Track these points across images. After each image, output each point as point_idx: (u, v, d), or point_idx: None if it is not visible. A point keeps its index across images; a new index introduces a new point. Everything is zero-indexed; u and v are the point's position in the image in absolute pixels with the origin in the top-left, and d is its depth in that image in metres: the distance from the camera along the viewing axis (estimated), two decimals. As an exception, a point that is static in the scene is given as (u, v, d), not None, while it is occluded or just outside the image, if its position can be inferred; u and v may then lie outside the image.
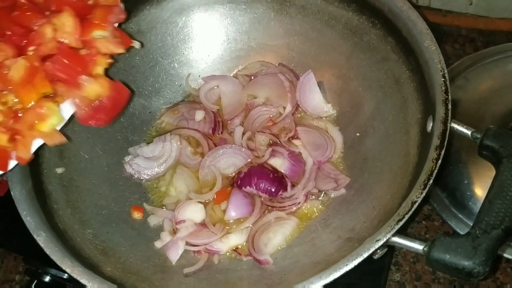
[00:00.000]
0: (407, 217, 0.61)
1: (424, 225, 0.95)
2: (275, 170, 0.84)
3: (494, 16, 1.12)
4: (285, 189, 0.83)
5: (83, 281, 0.62)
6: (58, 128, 0.66)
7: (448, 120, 0.67)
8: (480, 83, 1.01)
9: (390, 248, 0.86)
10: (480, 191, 0.88)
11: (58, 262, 0.64)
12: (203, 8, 0.93)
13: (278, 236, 0.80)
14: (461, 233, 0.68)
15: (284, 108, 0.90)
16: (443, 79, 0.70)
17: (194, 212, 0.81)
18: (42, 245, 0.66)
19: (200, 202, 0.83)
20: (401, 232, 0.63)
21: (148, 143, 0.90)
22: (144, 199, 0.87)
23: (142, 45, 0.81)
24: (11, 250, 0.96)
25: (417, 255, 0.91)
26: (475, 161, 0.90)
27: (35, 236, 0.67)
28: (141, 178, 0.88)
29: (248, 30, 0.95)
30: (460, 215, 0.89)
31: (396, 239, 0.62)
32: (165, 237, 0.81)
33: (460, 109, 0.98)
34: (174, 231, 0.82)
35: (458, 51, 1.13)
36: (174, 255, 0.79)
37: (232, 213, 0.82)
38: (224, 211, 0.82)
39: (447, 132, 0.66)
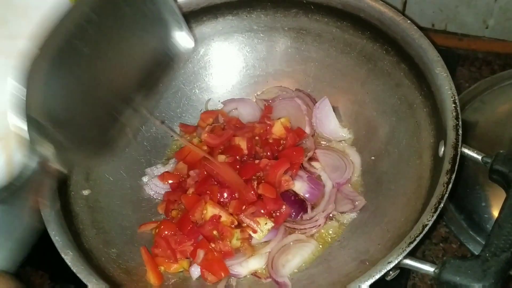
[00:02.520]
0: (418, 239, 0.63)
1: (441, 247, 0.95)
2: (296, 193, 0.86)
3: (510, 39, 1.13)
4: (306, 211, 0.85)
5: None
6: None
7: (459, 145, 0.68)
8: (497, 106, 1.01)
9: (405, 270, 0.87)
10: (497, 214, 0.89)
11: (84, 280, 0.67)
12: (223, 37, 0.98)
13: (296, 259, 0.81)
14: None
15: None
16: (454, 105, 0.72)
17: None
18: (69, 263, 0.69)
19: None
20: (413, 254, 0.64)
21: (164, 165, 0.93)
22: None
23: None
24: (38, 268, 0.99)
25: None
26: (492, 183, 0.90)
27: (62, 255, 0.70)
28: (160, 199, 0.91)
29: (266, 57, 0.98)
30: (477, 238, 0.89)
31: (407, 261, 0.63)
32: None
33: (477, 131, 0.98)
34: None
35: (475, 74, 1.14)
36: (194, 273, 0.81)
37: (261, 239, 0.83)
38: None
39: (458, 157, 0.68)
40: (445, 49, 1.10)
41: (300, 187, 0.87)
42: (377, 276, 0.61)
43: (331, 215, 0.85)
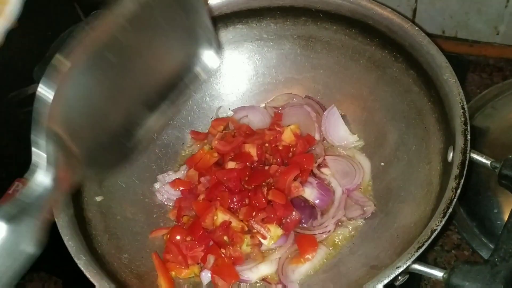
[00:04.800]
0: (426, 244, 0.63)
1: (453, 254, 0.94)
2: (306, 200, 0.87)
3: (521, 45, 1.13)
4: (316, 218, 0.86)
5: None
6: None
7: (467, 151, 0.69)
8: (508, 112, 1.01)
9: (415, 277, 0.87)
10: (509, 219, 0.89)
11: (96, 284, 0.68)
12: (233, 45, 0.99)
13: (306, 264, 0.82)
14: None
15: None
16: (462, 111, 0.72)
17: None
18: (82, 268, 0.70)
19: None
20: (425, 261, 0.64)
21: (175, 171, 0.94)
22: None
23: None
24: (52, 274, 1.01)
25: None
26: (504, 190, 0.90)
27: (76, 260, 0.71)
28: (172, 205, 0.92)
29: (275, 65, 0.99)
30: (490, 244, 0.89)
31: (416, 266, 0.63)
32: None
33: (488, 138, 0.98)
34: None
35: (486, 80, 1.14)
36: (205, 279, 0.82)
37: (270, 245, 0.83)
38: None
39: (466, 162, 0.68)
40: (455, 56, 1.10)
41: (310, 193, 0.87)
42: (386, 281, 0.62)
43: (342, 221, 0.86)
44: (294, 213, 0.83)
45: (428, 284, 0.92)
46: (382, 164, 0.89)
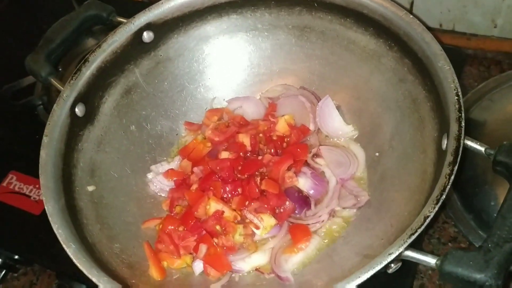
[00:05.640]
0: (419, 231, 0.62)
1: (450, 246, 0.94)
2: (300, 190, 0.86)
3: (519, 38, 1.13)
4: (309, 208, 0.85)
5: (107, 290, 0.66)
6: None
7: (462, 137, 0.68)
8: (505, 104, 1.01)
9: (412, 268, 0.86)
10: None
11: (85, 271, 0.67)
12: (227, 35, 0.98)
13: (299, 254, 0.81)
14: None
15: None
16: (457, 98, 0.71)
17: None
18: (71, 255, 0.69)
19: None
20: (416, 247, 0.64)
21: (169, 162, 0.93)
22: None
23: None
24: (46, 267, 1.01)
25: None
26: (501, 182, 0.89)
27: (65, 247, 0.70)
28: (165, 196, 0.91)
29: (270, 55, 0.99)
30: (487, 237, 0.89)
31: (409, 253, 0.62)
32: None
33: (485, 130, 0.98)
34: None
35: (484, 73, 1.14)
36: (197, 269, 0.82)
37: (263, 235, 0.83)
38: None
39: (460, 149, 0.67)
40: (452, 48, 1.10)
41: (304, 183, 0.87)
42: (378, 267, 0.61)
43: (334, 210, 0.85)
44: (287, 203, 0.83)
45: (424, 277, 0.91)
46: (377, 154, 0.88)
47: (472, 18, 1.12)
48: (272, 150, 0.88)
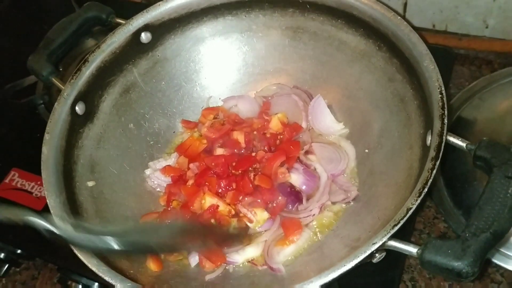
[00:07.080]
0: (402, 222, 0.65)
1: (439, 241, 0.96)
2: (292, 185, 0.89)
3: (510, 38, 1.14)
4: (301, 202, 0.88)
5: (107, 278, 0.69)
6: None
7: (444, 134, 0.71)
8: (495, 103, 1.03)
9: (400, 260, 0.89)
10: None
11: (86, 262, 0.70)
12: (223, 36, 1.01)
13: (291, 246, 0.84)
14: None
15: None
16: (440, 96, 0.74)
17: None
18: (75, 251, 0.71)
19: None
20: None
21: (166, 159, 0.96)
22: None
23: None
24: (47, 261, 1.03)
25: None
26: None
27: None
28: (162, 191, 0.94)
29: (264, 55, 1.02)
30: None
31: (392, 243, 0.65)
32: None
33: (475, 129, 1.01)
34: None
35: (475, 73, 1.15)
36: (193, 261, 0.85)
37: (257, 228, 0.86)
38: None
39: (443, 144, 0.70)
40: (442, 48, 1.12)
41: (297, 179, 0.89)
42: (362, 256, 0.64)
43: (327, 205, 0.87)
44: (280, 197, 0.86)
45: (415, 270, 0.93)
46: (367, 150, 0.91)
47: (464, 18, 1.15)
48: (266, 147, 0.91)
